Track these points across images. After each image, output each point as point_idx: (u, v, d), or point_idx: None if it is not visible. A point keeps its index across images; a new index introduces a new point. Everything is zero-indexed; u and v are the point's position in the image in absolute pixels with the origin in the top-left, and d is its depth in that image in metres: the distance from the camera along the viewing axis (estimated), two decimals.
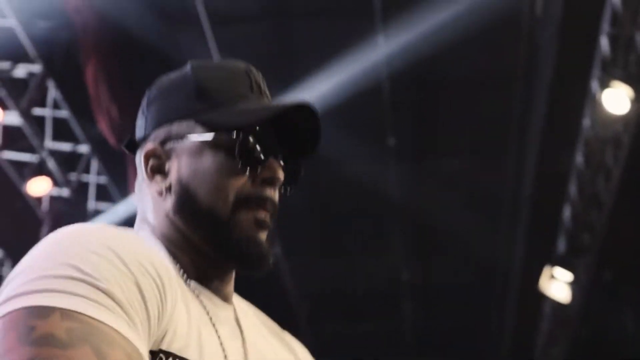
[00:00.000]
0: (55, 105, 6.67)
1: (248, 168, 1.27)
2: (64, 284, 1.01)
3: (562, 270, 7.33)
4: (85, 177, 7.18)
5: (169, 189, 1.29)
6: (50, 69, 6.35)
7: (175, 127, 1.29)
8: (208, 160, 1.27)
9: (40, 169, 6.81)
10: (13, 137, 6.57)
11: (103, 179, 7.24)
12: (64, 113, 6.69)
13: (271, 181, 1.28)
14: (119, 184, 7.15)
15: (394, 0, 5.45)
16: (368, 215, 7.31)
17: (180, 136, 1.29)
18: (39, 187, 6.82)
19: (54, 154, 6.81)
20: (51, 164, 6.80)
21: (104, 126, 6.24)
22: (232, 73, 1.32)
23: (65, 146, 6.90)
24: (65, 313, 0.98)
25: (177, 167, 1.28)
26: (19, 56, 6.21)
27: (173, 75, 1.35)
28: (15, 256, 7.31)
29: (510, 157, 6.81)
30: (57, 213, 6.93)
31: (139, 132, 1.34)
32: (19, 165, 6.76)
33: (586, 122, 6.23)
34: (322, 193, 6.95)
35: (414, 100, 6.23)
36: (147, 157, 1.30)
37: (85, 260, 1.04)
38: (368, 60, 5.61)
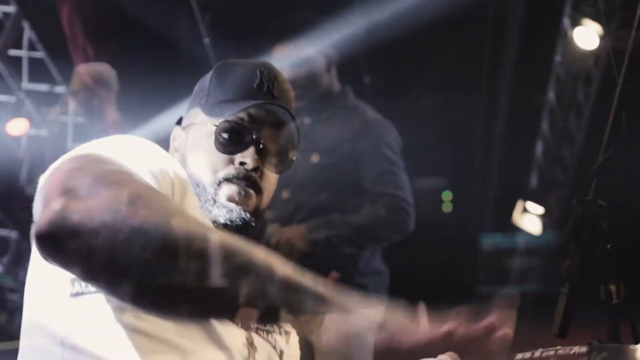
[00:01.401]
0: (31, 47, 6.65)
1: (225, 153, 1.58)
2: (101, 150, 1.37)
3: (534, 205, 7.50)
4: (63, 118, 7.18)
5: (181, 159, 1.62)
6: (25, 10, 6.31)
7: (191, 114, 1.66)
8: (202, 143, 1.60)
9: (18, 110, 6.81)
10: None
11: (81, 120, 7.24)
12: (39, 54, 6.67)
13: (246, 165, 1.56)
14: (96, 124, 7.15)
15: None
16: None
17: (191, 121, 1.65)
18: (17, 127, 6.82)
19: (31, 94, 6.81)
20: (28, 104, 6.79)
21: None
22: (245, 72, 1.61)
23: (42, 87, 6.90)
24: (100, 156, 1.34)
25: (185, 144, 1.64)
26: None
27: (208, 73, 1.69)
28: None
29: (483, 94, 6.90)
30: (36, 153, 6.96)
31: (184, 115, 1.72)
32: None
33: (558, 59, 6.33)
34: None
35: (388, 40, 6.26)
36: (173, 138, 1.69)
37: (121, 146, 1.41)
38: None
